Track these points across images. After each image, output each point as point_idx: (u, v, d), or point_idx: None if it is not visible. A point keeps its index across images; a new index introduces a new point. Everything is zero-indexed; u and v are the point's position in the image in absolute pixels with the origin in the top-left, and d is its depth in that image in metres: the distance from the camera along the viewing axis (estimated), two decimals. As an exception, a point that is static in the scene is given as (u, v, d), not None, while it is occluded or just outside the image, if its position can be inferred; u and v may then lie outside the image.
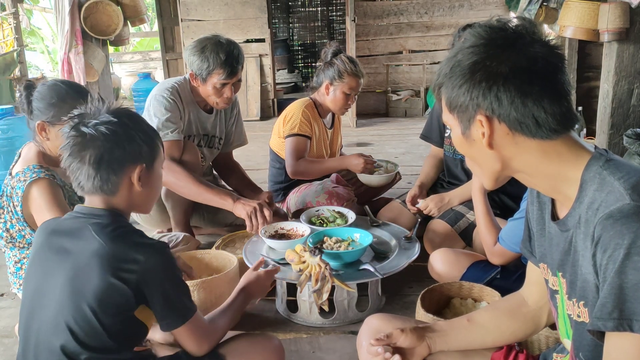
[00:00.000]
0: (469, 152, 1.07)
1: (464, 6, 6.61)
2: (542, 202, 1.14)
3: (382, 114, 6.76)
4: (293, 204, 2.93)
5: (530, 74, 0.95)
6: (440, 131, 2.84)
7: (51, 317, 1.29)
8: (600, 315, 0.88)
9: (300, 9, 9.78)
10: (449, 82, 1.02)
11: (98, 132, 1.31)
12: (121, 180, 1.34)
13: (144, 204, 1.44)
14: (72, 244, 1.31)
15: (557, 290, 1.10)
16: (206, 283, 2.06)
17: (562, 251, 1.05)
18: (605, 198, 0.93)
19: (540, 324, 1.30)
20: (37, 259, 1.37)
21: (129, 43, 9.28)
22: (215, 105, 2.60)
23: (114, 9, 4.48)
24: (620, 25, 3.33)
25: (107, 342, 1.27)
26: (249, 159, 4.81)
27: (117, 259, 1.25)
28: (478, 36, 1.00)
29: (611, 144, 3.60)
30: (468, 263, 2.13)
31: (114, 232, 1.29)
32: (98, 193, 1.34)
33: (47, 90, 1.98)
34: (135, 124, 1.38)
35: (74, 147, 1.32)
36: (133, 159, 1.35)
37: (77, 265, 1.27)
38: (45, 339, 1.29)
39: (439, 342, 1.29)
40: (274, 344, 1.58)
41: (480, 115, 0.99)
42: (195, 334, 1.38)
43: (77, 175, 1.33)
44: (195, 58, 2.48)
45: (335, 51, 2.94)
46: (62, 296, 1.28)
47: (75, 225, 1.33)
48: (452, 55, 1.03)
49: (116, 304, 1.26)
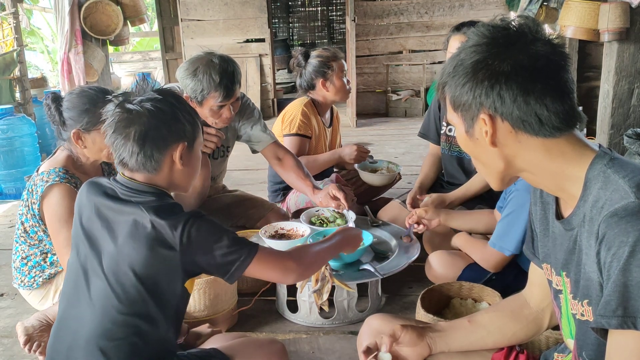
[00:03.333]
0: (473, 151, 1.06)
1: (464, 6, 6.61)
2: (546, 202, 1.14)
3: (382, 113, 6.76)
4: (293, 204, 2.93)
5: (532, 72, 0.95)
6: (437, 128, 2.85)
7: (101, 290, 1.30)
8: (604, 313, 0.88)
9: (300, 9, 9.79)
10: (453, 81, 1.02)
11: (144, 108, 1.32)
12: (164, 158, 1.35)
13: (183, 183, 1.44)
14: (118, 216, 1.32)
15: (561, 290, 1.10)
16: (202, 284, 2.05)
17: (567, 251, 1.05)
18: (609, 196, 0.92)
19: (542, 326, 1.30)
20: (85, 223, 1.37)
21: (129, 43, 9.27)
22: (215, 125, 2.48)
23: (113, 8, 4.48)
24: (620, 25, 3.33)
25: (157, 316, 1.30)
26: (249, 159, 4.80)
27: (165, 231, 1.26)
28: (481, 35, 0.99)
29: (611, 144, 3.60)
30: (464, 265, 2.14)
31: (159, 206, 1.31)
32: (141, 170, 1.35)
33: (77, 97, 1.96)
34: (179, 103, 1.40)
35: (118, 124, 1.32)
36: (177, 137, 1.36)
37: (123, 238, 1.29)
38: (89, 315, 1.31)
39: (440, 342, 1.29)
40: (278, 347, 1.59)
41: (483, 114, 0.99)
42: (273, 259, 1.38)
43: (121, 152, 1.34)
44: (188, 81, 2.34)
45: (304, 54, 2.98)
46: (111, 267, 1.29)
47: (122, 196, 1.34)
48: (455, 54, 1.03)
49: (166, 275, 1.28)
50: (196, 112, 1.46)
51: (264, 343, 1.59)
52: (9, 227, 3.41)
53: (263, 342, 1.61)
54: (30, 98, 4.96)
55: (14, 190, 4.12)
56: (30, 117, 4.70)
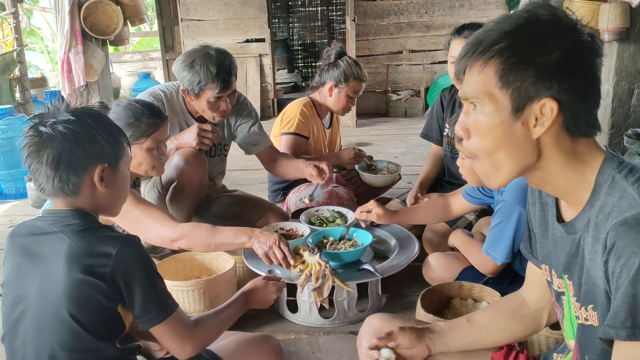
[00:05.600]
0: (499, 139, 0.94)
1: (464, 6, 6.61)
2: (544, 202, 1.12)
3: (382, 113, 6.76)
4: (293, 204, 2.93)
5: (596, 69, 0.92)
6: (439, 129, 2.85)
7: (33, 326, 1.25)
8: (613, 324, 0.87)
9: (300, 9, 9.77)
10: (515, 55, 0.90)
11: (56, 131, 1.25)
12: (82, 181, 1.29)
13: (110, 205, 1.38)
14: (42, 247, 1.27)
15: (563, 292, 1.09)
16: (203, 284, 2.05)
17: (569, 253, 1.03)
18: (617, 203, 0.91)
19: (540, 324, 1.29)
20: (11, 264, 1.32)
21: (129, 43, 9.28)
22: (212, 119, 2.51)
23: (113, 8, 4.48)
24: (620, 25, 3.32)
25: (91, 342, 1.24)
26: (248, 159, 4.80)
27: (88, 254, 1.22)
28: (553, 15, 0.90)
29: (611, 144, 3.60)
30: (461, 268, 2.14)
31: (82, 229, 1.26)
32: (60, 194, 1.29)
33: (123, 110, 1.96)
34: (96, 122, 1.32)
35: (31, 147, 1.26)
36: (94, 159, 1.29)
37: (50, 269, 1.24)
38: (31, 349, 1.26)
39: (439, 343, 1.29)
40: (272, 344, 1.56)
41: (547, 99, 0.90)
42: (177, 333, 1.31)
43: (37, 177, 1.28)
44: (185, 74, 2.37)
45: (339, 52, 2.94)
46: (40, 303, 1.24)
47: (44, 227, 1.29)
48: (519, 26, 0.90)
49: (96, 302, 1.23)
50: (120, 130, 1.39)
51: (257, 340, 1.55)
52: (9, 227, 3.41)
53: (256, 339, 1.56)
54: (30, 98, 4.96)
55: (14, 190, 4.12)
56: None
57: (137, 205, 1.92)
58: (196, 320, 1.39)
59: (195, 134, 2.41)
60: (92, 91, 4.79)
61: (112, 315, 1.27)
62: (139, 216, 1.89)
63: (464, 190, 2.19)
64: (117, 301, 1.26)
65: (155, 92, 2.55)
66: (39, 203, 3.70)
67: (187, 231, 1.96)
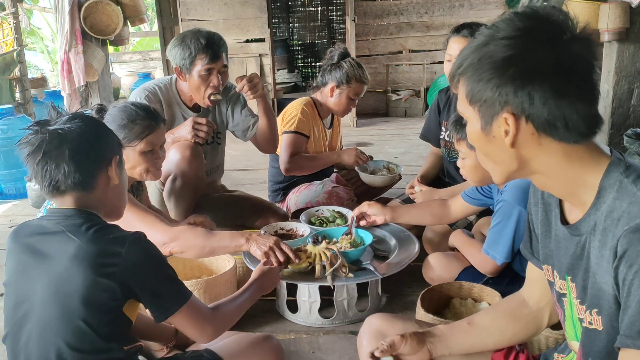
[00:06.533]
0: (486, 148, 1.00)
1: (464, 6, 6.61)
2: (547, 203, 1.12)
3: (382, 113, 6.76)
4: (293, 204, 2.93)
5: (569, 74, 0.89)
6: (437, 132, 2.85)
7: (39, 326, 1.25)
8: (630, 334, 0.86)
9: (300, 9, 9.77)
10: (475, 74, 0.93)
11: (72, 127, 1.29)
12: (100, 174, 1.33)
13: (116, 201, 1.41)
14: (48, 246, 1.27)
15: (565, 293, 1.09)
16: (203, 284, 2.05)
17: (573, 255, 1.03)
18: (627, 209, 0.90)
19: (541, 325, 1.29)
20: (15, 263, 1.32)
21: (129, 43, 9.28)
22: (204, 104, 2.56)
23: (113, 8, 4.48)
24: (620, 25, 3.33)
25: (98, 343, 1.25)
26: (248, 159, 4.81)
27: (98, 255, 1.23)
28: (513, 27, 0.91)
29: (611, 144, 3.60)
30: (461, 268, 2.14)
31: (90, 230, 1.26)
32: (74, 191, 1.30)
33: (118, 112, 1.96)
34: (97, 120, 1.42)
35: (48, 146, 1.26)
36: (111, 151, 1.36)
37: (57, 269, 1.24)
38: (35, 350, 1.26)
39: (440, 346, 1.28)
40: (272, 344, 1.57)
41: (506, 113, 0.92)
42: (196, 318, 1.35)
43: (54, 175, 1.27)
44: (177, 50, 2.48)
45: (342, 53, 2.95)
46: (46, 303, 1.25)
47: (49, 227, 1.30)
48: (480, 43, 0.93)
49: (104, 303, 1.24)
50: (111, 131, 1.43)
51: (258, 340, 1.56)
52: (9, 227, 3.41)
53: (257, 339, 1.57)
54: (30, 98, 4.97)
55: (14, 190, 4.12)
56: (30, 117, 4.70)
57: (130, 208, 1.92)
58: (214, 306, 1.44)
59: (190, 127, 2.43)
60: (92, 91, 4.80)
61: (117, 316, 1.28)
62: (131, 220, 1.88)
63: (463, 192, 2.20)
64: (123, 301, 1.27)
65: (149, 86, 2.58)
66: (39, 203, 3.70)
67: (180, 234, 1.95)
